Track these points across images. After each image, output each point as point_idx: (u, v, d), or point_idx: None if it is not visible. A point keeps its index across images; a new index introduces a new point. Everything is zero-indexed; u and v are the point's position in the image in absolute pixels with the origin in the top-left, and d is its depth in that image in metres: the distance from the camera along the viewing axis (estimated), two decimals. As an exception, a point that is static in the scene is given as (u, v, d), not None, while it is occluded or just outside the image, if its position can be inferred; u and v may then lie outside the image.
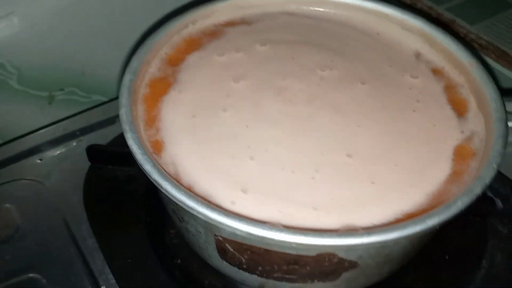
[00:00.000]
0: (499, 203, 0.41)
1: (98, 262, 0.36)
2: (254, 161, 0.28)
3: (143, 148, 0.26)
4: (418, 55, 0.36)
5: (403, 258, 0.28)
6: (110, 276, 0.35)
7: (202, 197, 0.25)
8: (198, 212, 0.24)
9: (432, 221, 0.23)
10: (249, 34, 0.37)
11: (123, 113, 0.28)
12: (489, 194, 0.41)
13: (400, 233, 0.22)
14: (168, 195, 0.25)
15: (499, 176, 0.42)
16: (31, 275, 0.35)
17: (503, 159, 0.26)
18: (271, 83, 0.32)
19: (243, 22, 0.38)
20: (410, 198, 0.26)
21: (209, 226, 0.26)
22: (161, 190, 0.25)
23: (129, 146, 0.27)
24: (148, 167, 0.25)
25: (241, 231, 0.23)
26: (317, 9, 0.39)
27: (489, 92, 0.30)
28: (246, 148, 0.28)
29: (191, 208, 0.24)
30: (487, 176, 0.25)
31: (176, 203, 0.25)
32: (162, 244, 0.38)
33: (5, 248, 0.37)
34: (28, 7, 0.42)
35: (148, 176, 0.26)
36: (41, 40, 0.45)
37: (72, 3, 0.44)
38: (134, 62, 0.32)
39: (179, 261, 0.37)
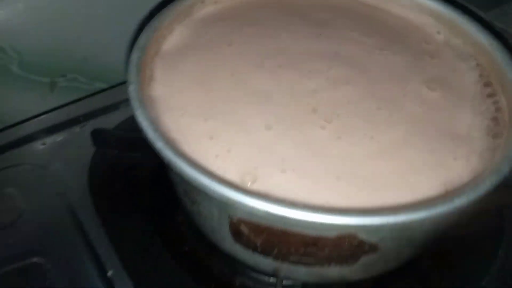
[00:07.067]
0: (515, 194, 0.40)
1: (104, 247, 0.35)
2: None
3: (154, 125, 0.25)
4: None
5: (423, 243, 0.27)
6: (117, 261, 0.34)
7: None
8: (214, 191, 0.23)
9: (460, 201, 0.22)
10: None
11: (132, 90, 0.27)
12: (505, 185, 0.40)
13: (427, 213, 0.21)
14: (182, 174, 0.23)
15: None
16: (35, 259, 0.34)
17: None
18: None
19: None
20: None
21: (225, 206, 0.24)
22: (175, 169, 0.24)
23: (139, 124, 0.26)
24: (160, 145, 0.24)
25: (260, 210, 0.22)
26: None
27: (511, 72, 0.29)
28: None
29: (206, 186, 0.23)
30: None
31: (189, 183, 0.24)
32: (169, 231, 0.37)
33: (8, 232, 0.36)
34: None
35: (160, 154, 0.24)
36: (43, 24, 0.44)
37: (77, -12, 0.43)
38: (142, 40, 0.31)
39: (187, 248, 0.36)
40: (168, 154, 0.24)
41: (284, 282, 0.32)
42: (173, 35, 0.34)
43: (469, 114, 0.30)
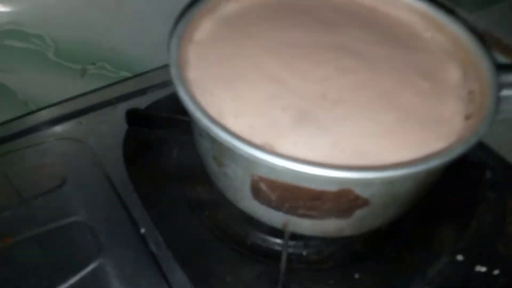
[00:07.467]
0: (488, 173, 0.46)
1: (138, 209, 0.41)
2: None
3: (193, 99, 0.31)
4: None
5: (406, 202, 0.33)
6: (149, 221, 0.40)
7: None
8: (244, 151, 0.28)
9: (435, 162, 0.28)
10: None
11: (174, 71, 0.33)
12: (479, 164, 0.46)
13: (409, 170, 0.28)
14: (218, 138, 0.29)
15: (488, 150, 0.48)
16: (77, 218, 0.40)
17: (491, 135, 0.31)
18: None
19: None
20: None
21: (249, 165, 0.30)
22: (211, 133, 0.30)
23: (181, 98, 0.31)
24: (199, 114, 0.30)
25: (279, 166, 0.28)
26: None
27: (484, 61, 0.35)
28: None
29: (237, 147, 0.28)
30: (482, 130, 0.30)
31: (219, 149, 0.30)
32: (192, 198, 0.43)
33: (54, 195, 0.42)
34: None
35: (199, 122, 0.30)
36: (77, 15, 0.49)
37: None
38: (179, 29, 0.37)
39: (207, 212, 0.42)
40: (206, 121, 0.30)
41: (289, 243, 0.38)
42: (201, 29, 0.40)
43: (453, 101, 0.35)
